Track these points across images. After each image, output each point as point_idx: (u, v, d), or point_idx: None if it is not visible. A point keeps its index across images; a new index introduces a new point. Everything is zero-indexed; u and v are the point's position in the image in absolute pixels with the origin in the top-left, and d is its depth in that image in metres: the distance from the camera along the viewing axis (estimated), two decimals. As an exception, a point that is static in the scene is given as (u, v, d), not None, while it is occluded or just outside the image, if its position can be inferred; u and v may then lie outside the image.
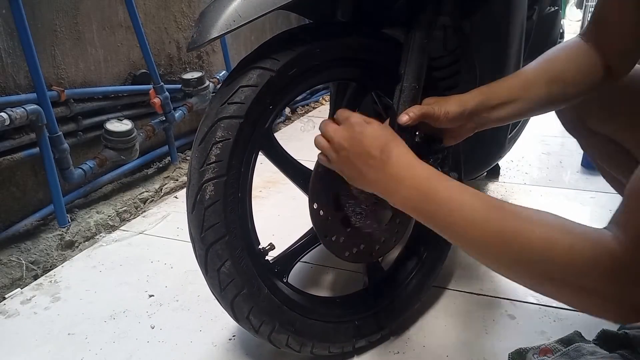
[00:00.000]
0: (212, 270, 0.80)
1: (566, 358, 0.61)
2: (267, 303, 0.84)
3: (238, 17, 0.74)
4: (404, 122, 0.78)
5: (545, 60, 0.81)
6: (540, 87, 0.79)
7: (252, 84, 0.78)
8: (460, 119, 0.80)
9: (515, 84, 0.81)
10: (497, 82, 0.82)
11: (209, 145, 0.77)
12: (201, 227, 0.78)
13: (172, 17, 2.11)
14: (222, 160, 0.77)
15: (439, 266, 1.09)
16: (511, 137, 1.38)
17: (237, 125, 0.77)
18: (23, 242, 1.42)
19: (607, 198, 1.71)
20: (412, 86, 0.81)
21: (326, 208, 0.86)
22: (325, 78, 0.91)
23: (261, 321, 0.84)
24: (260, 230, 0.89)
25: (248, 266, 0.81)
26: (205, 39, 0.75)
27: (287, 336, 0.87)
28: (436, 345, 1.02)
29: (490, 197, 0.63)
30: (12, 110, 1.31)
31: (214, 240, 0.78)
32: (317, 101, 3.34)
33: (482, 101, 0.80)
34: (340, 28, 0.90)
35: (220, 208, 0.77)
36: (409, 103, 0.81)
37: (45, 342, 1.04)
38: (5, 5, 1.32)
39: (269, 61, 0.79)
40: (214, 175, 0.77)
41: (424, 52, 0.83)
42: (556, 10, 1.51)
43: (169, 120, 1.92)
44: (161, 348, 1.02)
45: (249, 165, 0.83)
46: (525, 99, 0.80)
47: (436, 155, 0.86)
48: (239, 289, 0.80)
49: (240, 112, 0.78)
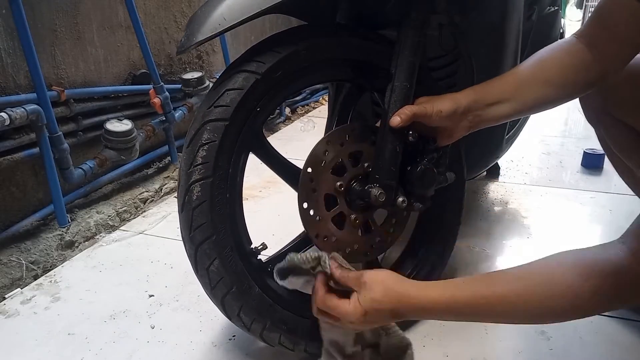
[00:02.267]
0: (202, 269, 0.82)
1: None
2: (258, 302, 0.85)
3: (223, 21, 0.76)
4: (396, 125, 0.78)
5: (539, 61, 0.81)
6: (534, 88, 0.80)
7: (237, 87, 0.80)
8: (454, 117, 0.80)
9: (509, 83, 0.81)
10: (490, 81, 0.82)
11: (195, 147, 0.79)
12: (189, 227, 0.80)
13: (172, 17, 2.11)
14: (208, 162, 0.79)
15: (440, 267, 1.08)
16: (509, 137, 1.39)
17: (223, 128, 0.79)
18: (23, 242, 1.43)
19: (607, 198, 1.71)
20: (403, 85, 0.81)
21: (316, 207, 0.86)
22: (316, 79, 0.92)
23: (252, 319, 0.85)
24: (260, 230, 0.90)
25: (237, 265, 0.83)
26: (192, 42, 0.77)
27: (279, 334, 0.88)
28: (436, 345, 1.02)
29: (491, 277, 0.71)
30: (12, 110, 1.31)
31: (202, 240, 0.80)
32: (317, 101, 3.34)
33: (476, 100, 0.80)
34: (329, 29, 0.90)
35: (207, 208, 0.79)
36: (401, 102, 0.81)
37: (45, 342, 1.04)
38: (5, 5, 1.32)
39: (254, 64, 0.81)
40: (201, 177, 0.79)
41: (416, 51, 0.83)
42: (556, 10, 1.51)
43: (169, 120, 1.92)
44: (161, 348, 1.02)
45: (238, 167, 0.84)
46: (519, 99, 0.80)
47: (431, 155, 0.86)
48: (228, 287, 0.82)
49: (225, 115, 0.80)
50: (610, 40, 0.75)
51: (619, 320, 1.08)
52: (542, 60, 0.81)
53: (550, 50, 0.81)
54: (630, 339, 1.03)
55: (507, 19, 1.08)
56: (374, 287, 0.70)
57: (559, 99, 0.82)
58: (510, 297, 0.65)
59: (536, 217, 1.56)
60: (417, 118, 0.79)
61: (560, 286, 0.62)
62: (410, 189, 0.86)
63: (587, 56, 0.77)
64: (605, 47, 0.76)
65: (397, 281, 0.71)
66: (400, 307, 0.69)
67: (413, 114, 0.78)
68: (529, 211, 1.61)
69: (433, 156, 0.86)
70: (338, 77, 0.95)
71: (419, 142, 0.85)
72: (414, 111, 0.78)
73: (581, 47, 0.78)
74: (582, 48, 0.78)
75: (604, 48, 0.76)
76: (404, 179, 0.86)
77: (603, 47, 0.76)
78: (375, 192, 0.82)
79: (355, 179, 0.88)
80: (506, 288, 0.66)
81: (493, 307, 0.66)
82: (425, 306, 0.69)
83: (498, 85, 0.81)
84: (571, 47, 0.79)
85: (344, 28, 0.92)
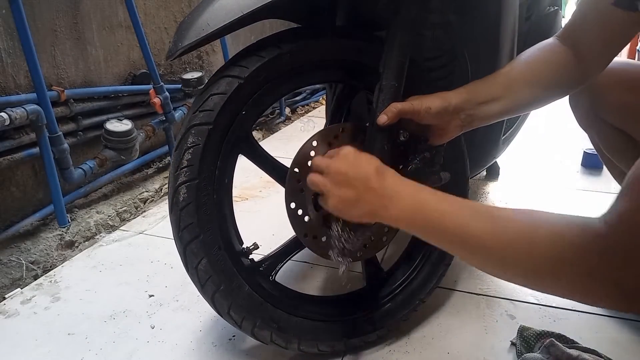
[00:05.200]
0: (192, 267, 0.84)
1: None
2: (248, 300, 0.87)
3: (207, 26, 0.79)
4: (382, 123, 0.78)
5: (526, 61, 0.83)
6: (522, 88, 0.81)
7: (220, 92, 0.83)
8: (444, 115, 0.80)
9: (499, 82, 0.82)
10: (481, 80, 0.83)
11: (182, 150, 0.82)
12: (178, 227, 0.83)
13: (172, 17, 2.11)
14: (193, 164, 0.82)
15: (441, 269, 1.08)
16: (506, 137, 1.39)
17: (206, 132, 0.82)
18: (23, 242, 1.43)
19: (607, 198, 1.72)
20: (391, 84, 0.81)
21: (304, 207, 0.87)
22: (305, 81, 0.93)
23: (242, 317, 0.87)
24: (260, 229, 0.90)
25: (226, 264, 0.85)
26: (178, 48, 0.81)
27: (271, 332, 0.90)
28: (436, 345, 1.02)
29: (476, 204, 0.67)
30: (12, 110, 1.31)
31: (189, 240, 0.83)
32: (317, 101, 3.34)
33: (467, 98, 0.80)
34: (315, 32, 0.91)
35: (193, 209, 0.82)
36: (389, 101, 0.81)
37: (45, 342, 1.04)
38: (5, 5, 1.32)
39: (238, 69, 0.84)
40: (187, 179, 0.82)
41: (404, 50, 0.83)
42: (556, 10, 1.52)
43: (169, 120, 1.92)
44: (161, 348, 1.03)
45: (225, 169, 0.86)
46: (509, 98, 0.81)
47: (422, 154, 0.86)
48: (217, 285, 0.85)
49: (209, 119, 0.82)
50: (588, 42, 0.77)
51: (619, 320, 1.08)
52: (529, 60, 0.82)
53: (536, 50, 0.83)
54: (630, 339, 1.03)
55: (502, 20, 1.08)
56: (362, 154, 0.74)
57: (547, 98, 0.84)
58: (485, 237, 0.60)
59: (536, 217, 1.56)
60: (404, 115, 0.79)
61: (543, 225, 0.58)
62: None
63: (569, 57, 0.79)
64: (584, 48, 0.78)
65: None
66: (380, 172, 0.70)
67: (399, 111, 0.78)
68: (529, 211, 1.60)
69: (425, 155, 0.86)
70: (328, 78, 0.96)
71: (411, 141, 0.85)
72: (399, 108, 0.78)
73: (563, 48, 0.80)
74: (563, 49, 0.80)
75: (584, 49, 0.78)
76: None
77: (582, 48, 0.78)
78: None
79: None
80: (487, 225, 0.61)
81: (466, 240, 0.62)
82: (410, 186, 0.69)
83: (489, 85, 0.82)
84: (555, 47, 0.81)
85: (334, 30, 0.93)
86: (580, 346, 0.92)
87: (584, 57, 0.78)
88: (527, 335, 0.97)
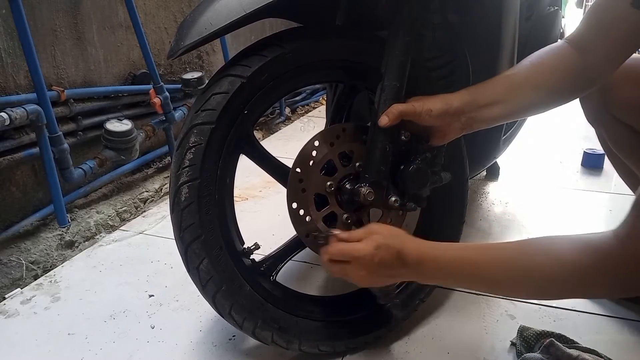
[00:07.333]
0: (193, 268, 0.84)
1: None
2: (249, 300, 0.87)
3: (209, 25, 0.79)
4: (384, 125, 0.78)
5: (531, 65, 0.82)
6: (526, 92, 0.80)
7: (223, 91, 0.82)
8: (445, 117, 0.80)
9: (502, 85, 0.81)
10: (484, 82, 0.83)
11: (184, 150, 0.82)
12: (179, 227, 0.82)
13: (172, 17, 2.11)
14: (195, 164, 0.81)
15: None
16: (506, 137, 1.39)
17: (209, 131, 0.81)
18: (23, 242, 1.43)
19: (607, 198, 1.72)
20: (393, 85, 0.81)
21: (306, 207, 0.87)
22: (307, 81, 0.93)
23: (243, 317, 0.87)
24: (260, 230, 0.90)
25: (227, 264, 0.85)
26: (180, 46, 0.80)
27: (272, 333, 0.89)
28: (436, 345, 1.02)
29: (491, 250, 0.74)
30: (12, 110, 1.31)
31: (191, 240, 0.82)
32: (317, 101, 3.34)
33: (469, 101, 0.80)
34: (316, 31, 0.90)
35: (195, 209, 0.81)
36: (390, 102, 0.81)
37: (45, 342, 1.04)
38: (5, 5, 1.32)
39: (240, 68, 0.83)
40: (188, 179, 0.81)
41: (406, 50, 0.82)
42: (556, 10, 1.51)
43: (169, 120, 1.92)
44: (161, 348, 1.02)
45: (227, 169, 0.86)
46: (512, 102, 0.81)
47: (424, 155, 0.86)
48: (218, 286, 0.84)
49: (211, 119, 0.81)
50: (603, 44, 0.76)
51: (619, 320, 1.08)
52: (535, 64, 0.82)
53: (543, 54, 0.82)
54: (630, 339, 1.03)
55: (503, 20, 1.08)
56: (382, 230, 0.75)
57: (551, 103, 0.83)
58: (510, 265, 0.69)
59: (536, 217, 1.56)
60: (406, 116, 0.79)
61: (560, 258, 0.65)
62: (403, 189, 0.87)
63: (577, 62, 0.78)
64: (597, 51, 0.76)
65: (403, 232, 0.77)
66: (405, 249, 0.72)
67: (400, 113, 0.78)
68: (529, 211, 1.60)
69: (426, 156, 0.86)
70: (330, 78, 0.96)
71: (412, 141, 0.85)
72: (401, 109, 0.78)
73: (572, 52, 0.78)
74: (572, 53, 0.78)
75: (596, 52, 0.76)
76: (396, 179, 0.86)
77: (595, 51, 0.76)
78: (364, 190, 0.83)
79: (347, 179, 0.89)
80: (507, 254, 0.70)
81: (494, 272, 0.70)
82: (429, 253, 0.72)
83: (491, 88, 0.81)
84: (562, 51, 0.80)
85: (335, 29, 0.92)
86: (580, 346, 0.92)
87: (594, 60, 0.76)
88: (527, 335, 0.97)
